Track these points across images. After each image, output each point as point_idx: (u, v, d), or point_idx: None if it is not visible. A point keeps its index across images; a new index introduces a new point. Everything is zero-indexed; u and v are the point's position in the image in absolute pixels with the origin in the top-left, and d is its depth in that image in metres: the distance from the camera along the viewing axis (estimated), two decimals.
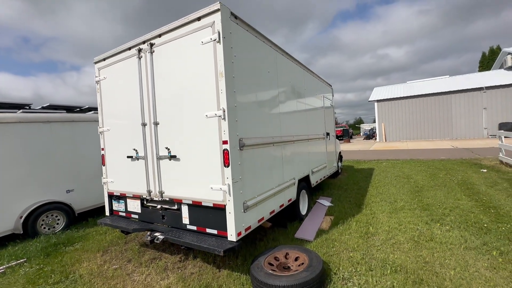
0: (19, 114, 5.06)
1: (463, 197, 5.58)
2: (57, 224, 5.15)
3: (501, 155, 9.03)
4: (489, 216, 4.40)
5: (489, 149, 13.44)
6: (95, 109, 7.14)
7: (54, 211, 5.08)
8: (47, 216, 4.99)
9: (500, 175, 7.42)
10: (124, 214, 4.02)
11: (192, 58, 2.99)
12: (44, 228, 4.96)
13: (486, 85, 21.21)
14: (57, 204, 5.13)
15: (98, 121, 4.21)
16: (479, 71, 40.05)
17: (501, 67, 24.79)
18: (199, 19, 2.89)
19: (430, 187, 6.65)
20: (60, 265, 3.70)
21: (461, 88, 22.04)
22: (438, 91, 22.90)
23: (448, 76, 26.99)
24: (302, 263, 2.86)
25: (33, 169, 4.88)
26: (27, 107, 6.23)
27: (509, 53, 22.96)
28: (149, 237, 3.29)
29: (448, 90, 22.51)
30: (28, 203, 4.76)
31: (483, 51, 45.64)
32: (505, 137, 9.04)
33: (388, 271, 2.96)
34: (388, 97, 25.08)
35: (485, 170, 8.18)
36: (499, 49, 39.35)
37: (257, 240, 4.00)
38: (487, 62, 41.43)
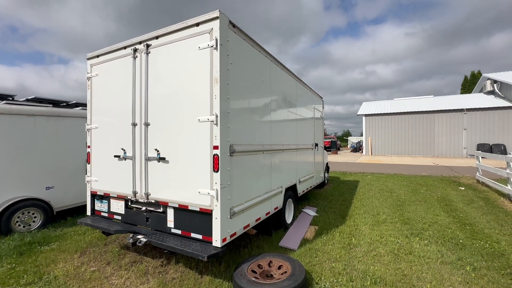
0: (1, 105, 4.87)
1: (441, 213, 5.80)
2: (33, 222, 4.92)
3: (478, 175, 9.47)
4: (465, 233, 4.60)
5: (467, 168, 14.06)
6: (83, 105, 6.97)
7: (31, 208, 4.86)
8: (23, 213, 4.77)
9: (477, 193, 7.77)
10: (106, 214, 3.92)
11: (188, 62, 3.02)
12: (19, 225, 4.73)
13: (467, 107, 22.31)
14: (35, 201, 4.91)
15: (85, 117, 4.13)
16: (461, 93, 42.15)
17: (481, 91, 26.21)
18: (197, 24, 2.94)
19: (412, 201, 6.87)
20: (34, 265, 3.53)
21: (444, 108, 23.09)
22: (423, 110, 23.87)
23: (432, 96, 28.23)
24: (285, 272, 2.88)
25: (12, 163, 4.68)
26: (11, 98, 6.01)
27: (488, 79, 24.37)
28: (131, 239, 3.22)
29: (432, 109, 23.52)
30: (3, 198, 4.54)
31: (465, 75, 48.38)
32: (482, 157, 9.50)
33: (368, 283, 3.03)
34: (376, 112, 25.87)
35: (463, 188, 8.54)
36: (480, 73, 41.69)
37: (241, 247, 3.99)
38: (469, 85, 43.76)
